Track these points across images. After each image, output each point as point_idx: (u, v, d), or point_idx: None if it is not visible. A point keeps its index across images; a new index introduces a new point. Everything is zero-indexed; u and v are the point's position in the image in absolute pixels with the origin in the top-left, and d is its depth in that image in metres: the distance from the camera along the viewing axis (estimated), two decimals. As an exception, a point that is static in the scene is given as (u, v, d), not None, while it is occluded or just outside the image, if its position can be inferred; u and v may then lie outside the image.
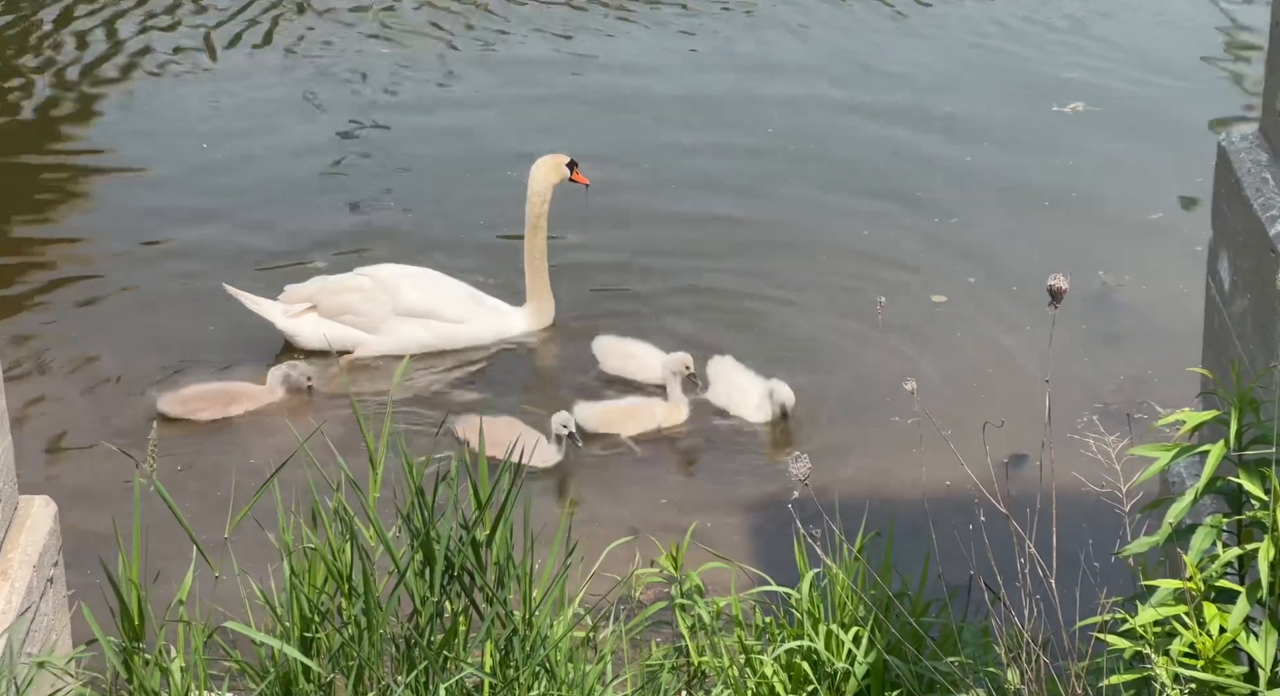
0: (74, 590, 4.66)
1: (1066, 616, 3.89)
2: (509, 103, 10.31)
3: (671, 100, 10.27)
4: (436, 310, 7.71)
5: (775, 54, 10.93)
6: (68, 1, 11.71)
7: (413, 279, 7.76)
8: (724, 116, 10.06)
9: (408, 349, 7.56)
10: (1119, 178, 9.15)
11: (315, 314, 7.67)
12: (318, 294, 7.68)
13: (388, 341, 7.66)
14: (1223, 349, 4.29)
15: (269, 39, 11.24)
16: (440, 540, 4.20)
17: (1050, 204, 8.89)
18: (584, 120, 10.00)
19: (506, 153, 9.38)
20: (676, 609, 5.11)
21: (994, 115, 10.01)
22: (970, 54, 10.95)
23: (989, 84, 10.53)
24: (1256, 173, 4.11)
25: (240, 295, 7.65)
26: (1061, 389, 6.85)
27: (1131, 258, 8.25)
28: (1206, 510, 3.74)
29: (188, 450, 6.87)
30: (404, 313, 7.69)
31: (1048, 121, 9.89)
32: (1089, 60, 10.75)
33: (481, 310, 7.79)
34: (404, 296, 7.68)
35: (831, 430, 7.03)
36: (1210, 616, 3.32)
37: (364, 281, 7.71)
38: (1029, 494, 4.23)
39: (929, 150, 9.52)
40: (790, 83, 10.47)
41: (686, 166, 9.42)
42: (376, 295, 7.66)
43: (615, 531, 5.96)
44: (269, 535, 4.50)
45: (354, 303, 7.66)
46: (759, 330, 7.79)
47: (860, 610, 4.65)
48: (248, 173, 9.42)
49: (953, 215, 8.77)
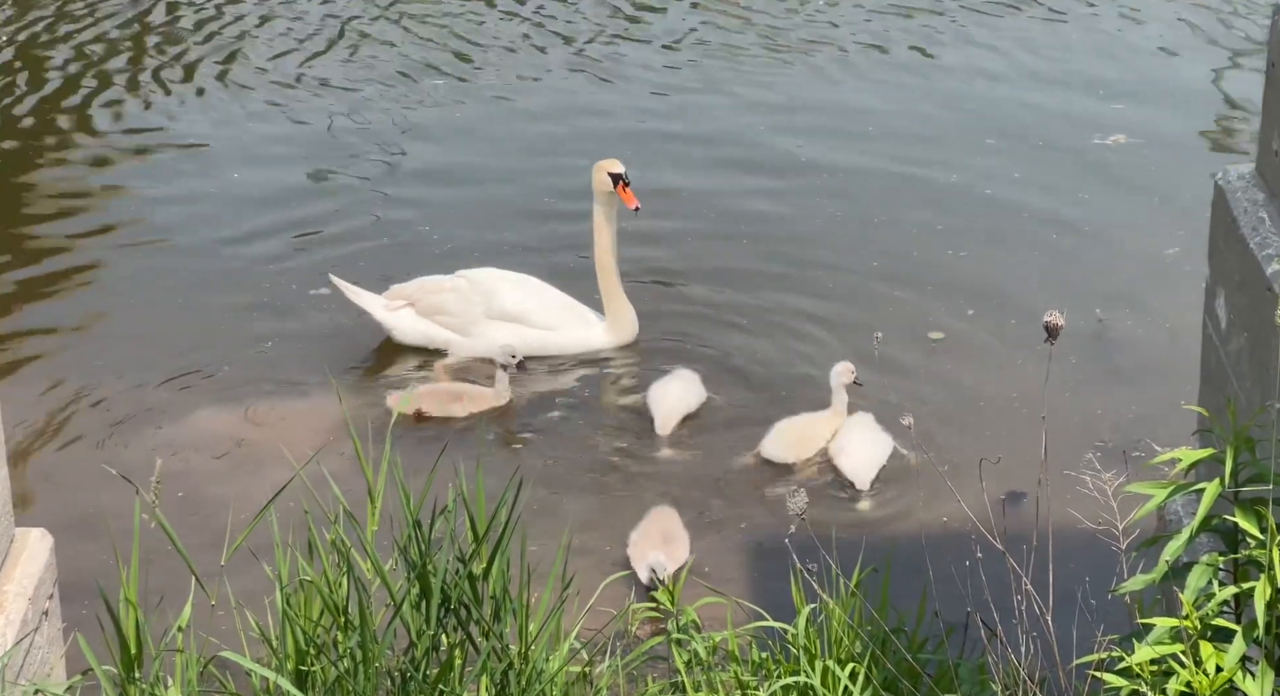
0: (67, 623, 4.66)
1: (1063, 654, 3.89)
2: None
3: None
4: (527, 316, 7.78)
5: (802, 92, 10.91)
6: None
7: (510, 283, 7.86)
8: (750, 150, 10.04)
9: (496, 353, 7.67)
10: (1143, 210, 9.05)
11: (413, 311, 7.82)
12: (416, 291, 7.84)
13: (477, 344, 7.77)
14: (1219, 387, 4.30)
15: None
16: (437, 573, 4.20)
17: (1059, 237, 8.83)
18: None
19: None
20: (673, 644, 5.10)
21: (1023, 146, 9.92)
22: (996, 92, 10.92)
23: (1023, 113, 10.45)
24: (1253, 212, 4.12)
25: (343, 285, 7.82)
26: (1059, 426, 6.87)
27: (1141, 293, 8.20)
28: (1203, 548, 3.74)
29: (190, 481, 6.85)
30: (496, 316, 7.79)
31: (1082, 154, 9.79)
32: (1136, 93, 10.66)
33: (570, 319, 7.84)
34: (497, 300, 7.78)
35: (828, 465, 7.02)
36: (1207, 655, 3.32)
37: (461, 282, 7.85)
38: (1026, 531, 4.23)
39: (947, 184, 9.50)
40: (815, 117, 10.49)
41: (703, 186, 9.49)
42: (471, 297, 7.79)
43: (611, 565, 5.95)
44: (265, 566, 4.50)
45: (448, 303, 7.79)
46: (750, 362, 7.78)
47: (857, 646, 4.64)
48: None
49: (962, 248, 8.75)
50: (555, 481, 6.87)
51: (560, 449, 7.17)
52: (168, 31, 11.80)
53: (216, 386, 7.59)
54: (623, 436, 7.27)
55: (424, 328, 7.81)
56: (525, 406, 7.51)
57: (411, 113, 10.56)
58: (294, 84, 11.00)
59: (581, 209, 8.12)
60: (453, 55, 11.42)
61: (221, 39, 11.68)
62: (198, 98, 10.77)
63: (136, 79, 11.07)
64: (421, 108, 10.64)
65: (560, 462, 7.06)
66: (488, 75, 11.13)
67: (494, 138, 10.28)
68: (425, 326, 7.81)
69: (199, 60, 11.32)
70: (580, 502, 6.74)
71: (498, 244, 8.78)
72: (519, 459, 6.87)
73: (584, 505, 6.74)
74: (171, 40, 11.65)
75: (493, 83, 11.01)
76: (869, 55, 11.39)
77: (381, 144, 10.12)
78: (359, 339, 7.97)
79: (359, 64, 11.30)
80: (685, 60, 11.33)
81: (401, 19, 11.99)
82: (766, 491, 6.85)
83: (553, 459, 7.08)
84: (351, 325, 8.01)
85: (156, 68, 11.21)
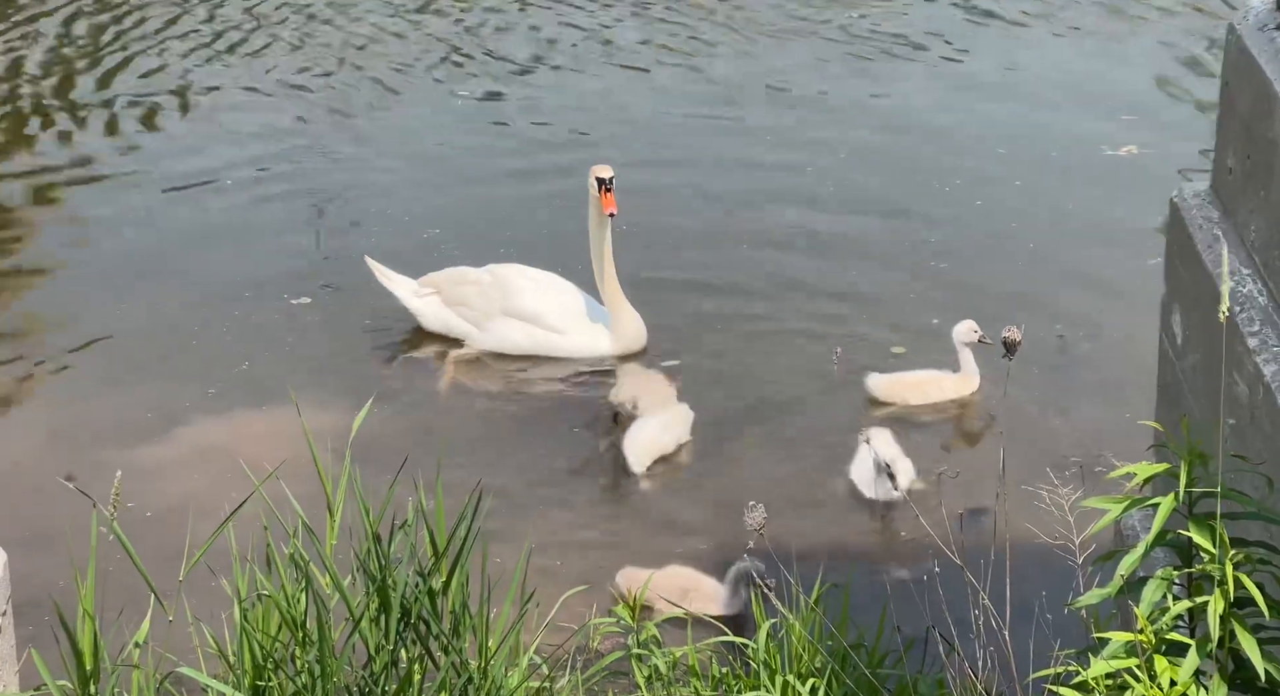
0: (21, 639, 4.62)
1: (1020, 668, 3.91)
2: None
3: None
4: (541, 316, 7.83)
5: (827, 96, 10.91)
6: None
7: (533, 282, 7.90)
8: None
9: (504, 348, 7.80)
10: (1138, 220, 8.92)
11: (438, 299, 7.92)
12: (444, 281, 7.95)
13: (489, 339, 7.86)
14: (1175, 403, 4.34)
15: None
16: (396, 587, 4.19)
17: (1036, 247, 8.81)
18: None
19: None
20: (633, 659, 5.11)
21: (1028, 156, 9.88)
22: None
23: (1032, 128, 10.39)
24: (1208, 229, 4.16)
25: (376, 268, 7.93)
26: (1019, 442, 6.90)
27: (1115, 306, 8.21)
28: (1158, 563, 3.77)
29: (150, 492, 6.80)
30: (512, 314, 7.84)
31: (1089, 164, 9.75)
32: (1146, 106, 10.60)
33: (582, 324, 7.86)
34: (515, 298, 7.84)
35: (788, 481, 7.03)
36: (1161, 669, 3.34)
37: (485, 276, 7.92)
38: (984, 545, 4.25)
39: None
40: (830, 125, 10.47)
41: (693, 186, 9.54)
42: (490, 292, 7.86)
43: (571, 580, 5.95)
44: (223, 581, 4.48)
45: (470, 295, 7.89)
46: (713, 375, 7.79)
47: (817, 661, 4.65)
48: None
49: (943, 260, 8.75)
50: (518, 495, 6.84)
51: (525, 460, 7.14)
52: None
53: (184, 398, 7.55)
54: (591, 451, 7.24)
55: (446, 316, 7.93)
56: (492, 416, 7.50)
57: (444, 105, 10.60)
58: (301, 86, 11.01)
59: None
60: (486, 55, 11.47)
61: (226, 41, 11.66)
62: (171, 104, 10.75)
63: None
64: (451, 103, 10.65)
65: (525, 474, 7.03)
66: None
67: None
68: (447, 315, 7.93)
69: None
70: (538, 519, 6.71)
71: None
72: (481, 472, 6.82)
73: (542, 521, 6.70)
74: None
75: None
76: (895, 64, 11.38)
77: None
78: (339, 348, 7.96)
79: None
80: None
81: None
82: (726, 507, 6.84)
83: (516, 471, 7.04)
84: (330, 335, 8.01)
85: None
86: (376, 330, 8.12)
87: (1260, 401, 3.70)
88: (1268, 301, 3.86)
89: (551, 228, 8.96)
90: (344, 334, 8.05)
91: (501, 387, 7.76)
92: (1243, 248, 4.03)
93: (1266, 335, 3.77)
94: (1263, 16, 4.06)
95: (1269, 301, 3.85)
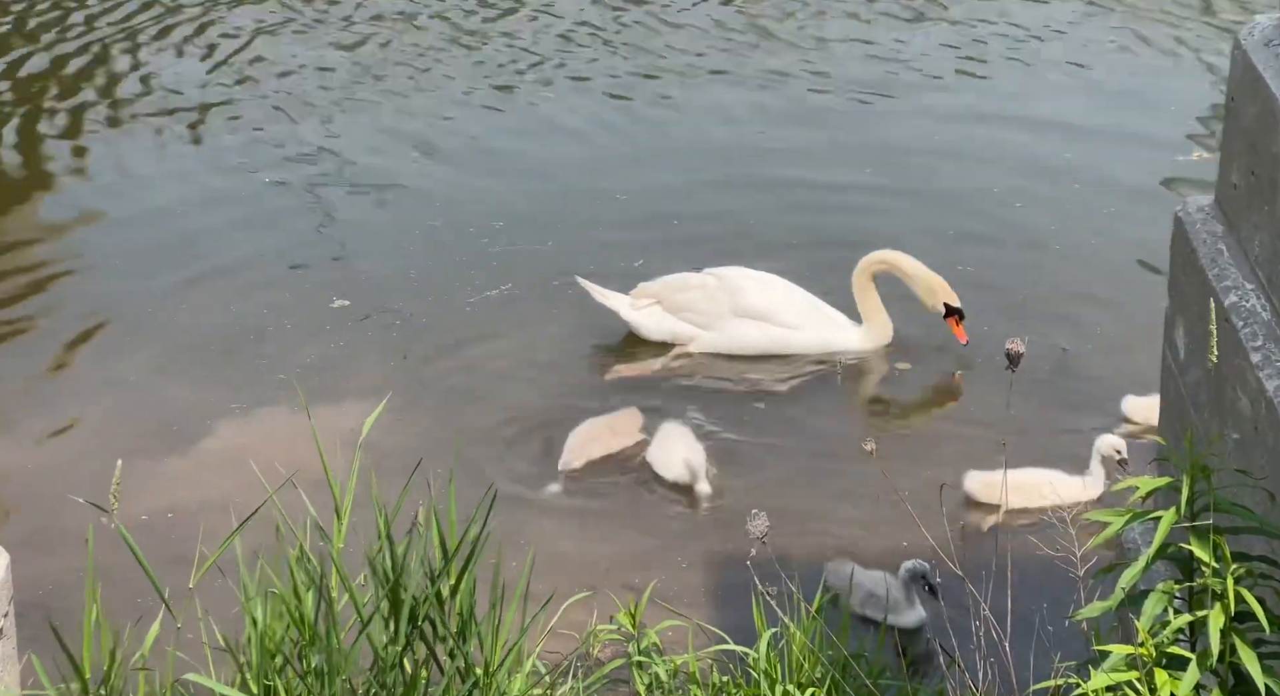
0: (23, 641, 4.63)
1: (1021, 680, 3.92)
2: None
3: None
4: (773, 313, 7.90)
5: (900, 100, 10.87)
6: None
7: (757, 282, 8.01)
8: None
9: (738, 348, 7.86)
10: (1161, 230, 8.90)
11: (659, 308, 7.99)
12: (663, 290, 8.03)
13: (720, 339, 7.93)
14: (1178, 416, 4.35)
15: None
16: (406, 590, 4.21)
17: (1041, 256, 8.74)
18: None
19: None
20: (634, 667, 5.12)
21: (1090, 162, 9.80)
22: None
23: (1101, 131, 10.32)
24: (1212, 243, 4.18)
25: (590, 287, 8.02)
26: (1020, 453, 6.90)
27: (1124, 317, 8.17)
28: (1159, 576, 3.78)
29: (156, 494, 6.81)
30: (742, 313, 7.93)
31: (1150, 172, 9.64)
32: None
33: (818, 319, 7.93)
34: (744, 297, 7.92)
35: (790, 490, 7.04)
36: (1162, 682, 3.36)
37: (709, 280, 8.02)
38: (985, 557, 4.28)
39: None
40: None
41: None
42: (718, 294, 7.95)
43: (573, 587, 5.96)
44: (229, 582, 4.49)
45: (695, 300, 7.97)
46: (714, 390, 7.81)
47: (817, 671, 4.67)
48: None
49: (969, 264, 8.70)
50: (526, 502, 6.84)
51: (534, 469, 7.14)
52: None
53: (212, 401, 7.51)
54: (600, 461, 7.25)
55: (670, 324, 7.99)
56: (505, 423, 7.50)
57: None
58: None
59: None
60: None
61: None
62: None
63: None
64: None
65: (533, 482, 7.04)
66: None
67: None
68: (671, 323, 7.99)
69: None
70: (541, 526, 6.70)
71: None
72: (493, 476, 6.82)
73: (545, 528, 6.70)
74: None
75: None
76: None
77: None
78: (351, 353, 7.93)
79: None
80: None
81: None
82: (728, 516, 6.85)
83: (526, 479, 7.05)
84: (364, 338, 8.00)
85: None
86: (420, 333, 8.08)
87: (1263, 416, 3.72)
88: (1270, 316, 3.88)
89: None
90: (380, 338, 7.98)
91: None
92: (1246, 262, 4.05)
93: (1270, 350, 3.78)
94: (1268, 32, 4.08)
95: (1272, 316, 3.87)
